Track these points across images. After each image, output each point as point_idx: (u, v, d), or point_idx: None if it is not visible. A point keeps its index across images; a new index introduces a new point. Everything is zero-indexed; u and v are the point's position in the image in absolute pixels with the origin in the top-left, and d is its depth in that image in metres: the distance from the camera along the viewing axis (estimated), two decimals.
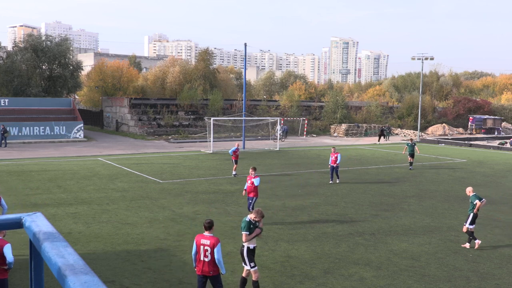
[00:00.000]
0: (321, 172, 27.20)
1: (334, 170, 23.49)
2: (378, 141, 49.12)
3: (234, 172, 25.37)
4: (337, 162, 23.35)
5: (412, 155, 29.00)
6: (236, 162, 25.58)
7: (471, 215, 13.59)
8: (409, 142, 29.90)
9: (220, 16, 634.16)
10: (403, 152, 30.70)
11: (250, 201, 15.83)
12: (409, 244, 13.84)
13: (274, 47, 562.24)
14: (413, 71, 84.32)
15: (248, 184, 15.86)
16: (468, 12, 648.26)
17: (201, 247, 8.98)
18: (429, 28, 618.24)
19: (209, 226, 9.14)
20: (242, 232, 9.96)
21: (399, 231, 15.22)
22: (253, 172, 15.82)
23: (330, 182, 23.55)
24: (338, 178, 23.78)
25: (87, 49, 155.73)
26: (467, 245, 13.57)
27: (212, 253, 8.89)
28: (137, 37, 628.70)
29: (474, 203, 13.64)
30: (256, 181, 15.61)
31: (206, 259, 8.95)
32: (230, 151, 26.27)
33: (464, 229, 13.74)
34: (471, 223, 13.58)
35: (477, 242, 13.50)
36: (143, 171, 26.15)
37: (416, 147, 29.54)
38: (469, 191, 14.11)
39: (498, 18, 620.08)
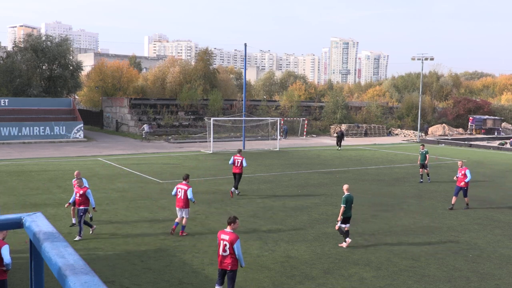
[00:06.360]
0: (321, 172, 27.21)
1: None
2: (338, 146, 41.52)
3: (73, 221, 14.79)
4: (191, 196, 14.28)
5: (423, 165, 24.23)
6: (75, 205, 14.05)
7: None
8: (421, 149, 24.71)
9: (220, 16, 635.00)
10: (418, 162, 24.93)
11: None
12: (409, 244, 13.84)
13: (274, 47, 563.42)
14: (413, 71, 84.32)
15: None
16: (468, 12, 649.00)
17: (221, 242, 9.31)
18: (429, 28, 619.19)
19: (228, 222, 9.54)
20: None
21: (399, 231, 15.23)
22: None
23: None
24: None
25: (87, 49, 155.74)
26: (344, 244, 13.28)
27: (230, 248, 9.19)
28: (137, 37, 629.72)
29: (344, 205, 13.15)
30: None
31: (224, 253, 9.25)
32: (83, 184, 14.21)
33: (336, 227, 13.45)
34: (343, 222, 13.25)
35: (348, 240, 13.26)
36: (143, 171, 26.15)
37: (427, 156, 24.33)
38: (345, 189, 13.56)
39: (498, 18, 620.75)
